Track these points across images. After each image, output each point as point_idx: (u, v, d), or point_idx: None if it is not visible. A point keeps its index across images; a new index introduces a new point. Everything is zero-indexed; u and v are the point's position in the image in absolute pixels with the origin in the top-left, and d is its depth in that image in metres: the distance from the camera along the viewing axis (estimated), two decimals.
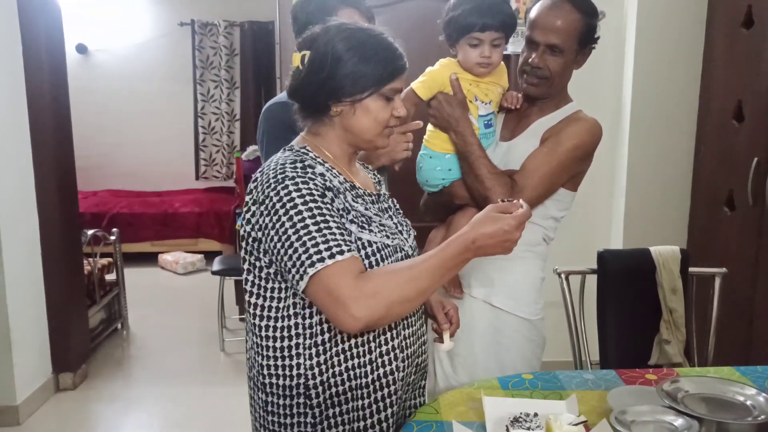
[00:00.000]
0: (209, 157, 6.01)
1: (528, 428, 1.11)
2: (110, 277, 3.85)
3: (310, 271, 1.04)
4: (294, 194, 1.08)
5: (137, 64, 5.89)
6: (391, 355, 1.18)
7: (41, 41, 2.84)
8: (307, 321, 1.15)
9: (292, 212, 1.07)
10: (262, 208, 1.11)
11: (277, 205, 1.08)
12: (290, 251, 1.06)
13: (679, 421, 1.06)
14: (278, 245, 1.08)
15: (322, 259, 1.04)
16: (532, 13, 1.51)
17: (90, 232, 3.51)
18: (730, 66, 2.54)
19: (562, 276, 1.90)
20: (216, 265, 3.63)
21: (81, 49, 5.79)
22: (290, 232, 1.06)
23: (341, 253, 1.05)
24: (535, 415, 1.14)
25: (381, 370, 1.17)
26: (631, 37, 2.79)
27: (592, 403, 1.29)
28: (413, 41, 1.62)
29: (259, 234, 1.12)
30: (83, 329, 3.28)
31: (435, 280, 1.08)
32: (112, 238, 3.82)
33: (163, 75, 5.92)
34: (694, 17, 2.72)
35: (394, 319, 1.14)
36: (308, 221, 1.06)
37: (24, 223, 2.84)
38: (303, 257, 1.05)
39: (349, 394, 1.17)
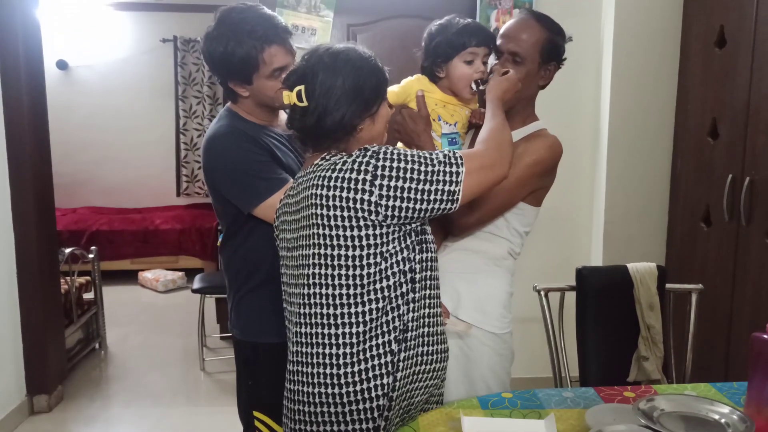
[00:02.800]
0: (191, 174, 5.97)
1: None
2: (88, 295, 3.79)
3: (462, 170, 1.23)
4: (395, 151, 1.22)
5: (119, 81, 5.86)
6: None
7: (20, 56, 2.81)
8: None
9: (405, 157, 1.21)
10: (378, 181, 1.19)
11: (394, 164, 1.20)
12: (435, 177, 1.21)
13: None
14: (420, 186, 1.20)
15: (457, 158, 1.24)
16: (502, 28, 1.58)
17: (68, 250, 3.46)
18: (704, 84, 2.60)
19: (542, 293, 1.91)
20: (197, 283, 3.59)
21: (61, 65, 5.76)
22: (421, 167, 1.21)
23: (453, 151, 1.27)
24: None
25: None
26: (608, 56, 2.84)
27: (571, 421, 1.29)
28: (396, 58, 1.64)
29: (396, 202, 1.20)
30: (59, 349, 3.21)
31: (504, 120, 1.39)
32: (91, 256, 3.77)
33: (145, 91, 5.90)
34: (669, 37, 2.78)
35: None
36: (421, 154, 1.24)
37: None
38: (448, 168, 1.22)
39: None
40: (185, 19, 5.63)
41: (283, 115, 1.66)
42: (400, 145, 1.59)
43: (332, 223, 1.22)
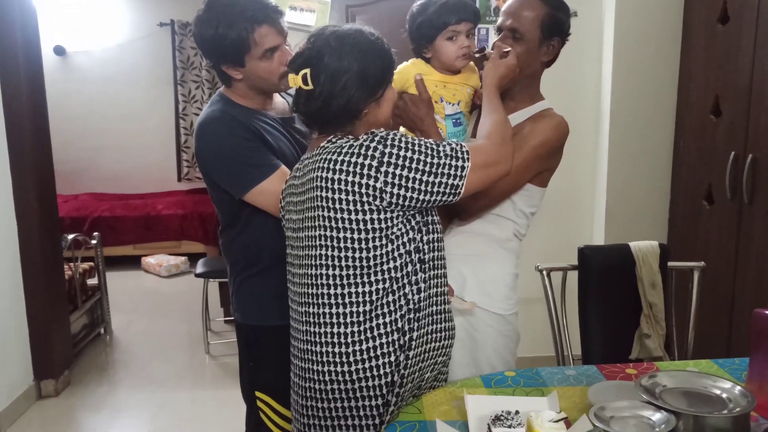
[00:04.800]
0: (192, 159, 5.96)
1: (509, 426, 1.11)
2: (92, 281, 3.81)
3: (467, 165, 1.24)
4: (402, 138, 1.21)
5: (117, 66, 5.83)
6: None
7: (17, 43, 2.79)
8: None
9: (413, 146, 1.21)
10: (384, 168, 1.19)
11: (401, 152, 1.20)
12: (440, 169, 1.22)
13: (657, 416, 1.07)
14: (425, 177, 1.21)
15: (464, 152, 1.25)
16: (504, 5, 1.57)
17: (70, 236, 3.47)
18: (707, 62, 2.58)
19: (544, 272, 1.91)
20: (200, 267, 3.60)
21: (59, 50, 5.72)
22: (427, 158, 1.22)
23: (461, 143, 1.27)
24: (516, 412, 1.15)
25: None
26: (609, 34, 2.81)
27: (574, 399, 1.30)
28: (394, 39, 1.63)
29: (401, 191, 1.20)
30: (65, 335, 3.24)
31: (503, 112, 1.40)
32: (93, 242, 3.78)
33: (144, 76, 5.87)
34: (671, 14, 2.75)
35: None
36: (428, 144, 1.24)
37: (2, 229, 2.79)
38: (454, 162, 1.23)
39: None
40: (182, 3, 5.58)
41: (277, 99, 1.65)
42: (402, 130, 1.59)
43: (337, 206, 1.22)
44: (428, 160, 1.22)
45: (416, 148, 1.22)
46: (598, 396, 1.22)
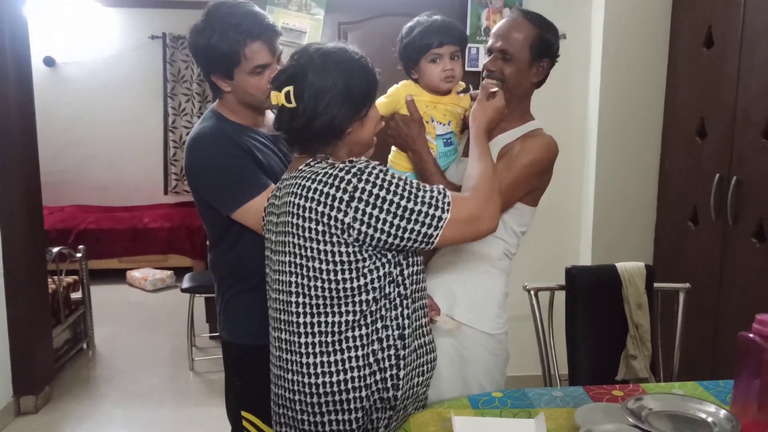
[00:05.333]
0: (180, 172, 5.93)
1: None
2: (76, 295, 3.76)
3: (446, 216, 1.18)
4: (380, 175, 1.16)
5: (107, 78, 5.81)
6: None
7: (6, 53, 2.78)
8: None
9: (389, 185, 1.16)
10: (355, 203, 1.14)
11: (374, 189, 1.15)
12: (414, 216, 1.16)
13: None
14: (396, 221, 1.15)
15: (446, 203, 1.19)
16: (494, 27, 1.59)
17: (55, 249, 3.43)
18: (692, 85, 2.62)
19: (531, 292, 1.91)
20: (186, 282, 3.57)
21: (48, 61, 5.70)
22: (402, 201, 1.16)
23: (445, 191, 1.21)
24: None
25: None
26: (597, 56, 2.85)
27: (561, 420, 1.30)
28: (386, 57, 1.65)
29: (369, 230, 1.16)
30: (47, 349, 3.18)
31: (492, 162, 1.35)
32: (78, 255, 3.73)
33: (134, 89, 5.86)
34: (658, 38, 2.79)
35: None
36: (408, 186, 1.18)
37: None
38: (431, 210, 1.17)
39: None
40: (174, 16, 5.58)
41: (270, 115, 1.65)
42: (393, 149, 1.59)
43: (306, 234, 1.19)
44: (403, 203, 1.16)
45: (392, 188, 1.16)
46: (585, 418, 1.22)
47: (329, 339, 1.22)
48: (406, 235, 1.18)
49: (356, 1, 3.00)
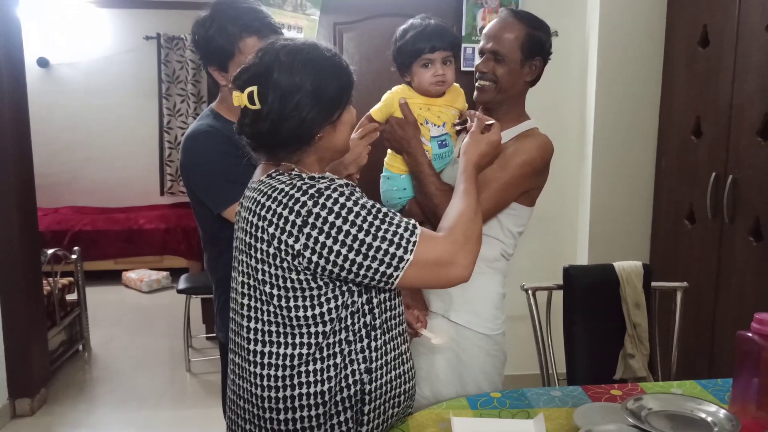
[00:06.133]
0: (175, 173, 5.92)
1: None
2: (71, 296, 3.74)
3: (408, 257, 1.05)
4: (339, 199, 1.04)
5: (101, 79, 5.79)
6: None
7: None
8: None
9: (348, 214, 1.04)
10: (307, 229, 1.03)
11: (330, 216, 1.03)
12: (372, 252, 1.04)
13: None
14: (350, 255, 1.03)
15: (411, 241, 1.06)
16: (485, 28, 1.59)
17: (50, 251, 3.41)
18: (688, 84, 2.62)
19: (529, 292, 1.91)
20: (182, 283, 3.55)
21: (42, 62, 5.67)
22: (359, 234, 1.04)
23: (414, 227, 1.09)
24: None
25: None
26: (593, 55, 2.86)
27: (560, 420, 1.30)
28: (383, 57, 1.64)
29: (320, 260, 1.04)
30: (42, 352, 3.17)
31: (477, 203, 1.22)
32: (74, 256, 3.72)
33: (129, 89, 5.83)
34: (654, 37, 2.80)
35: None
36: (370, 216, 1.06)
37: None
38: (392, 249, 1.05)
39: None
40: (169, 16, 5.56)
41: None
42: (389, 152, 1.59)
43: (258, 255, 1.09)
44: (360, 236, 1.04)
45: (350, 217, 1.04)
46: (585, 418, 1.22)
47: (279, 373, 1.11)
48: (362, 272, 1.06)
49: (352, 1, 2.99)
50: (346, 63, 1.16)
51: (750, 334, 1.17)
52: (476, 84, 1.57)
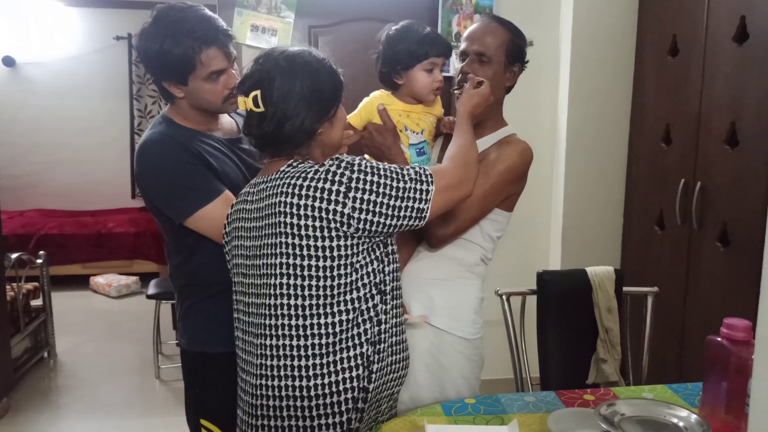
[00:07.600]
0: None
1: None
2: (36, 302, 3.63)
3: (432, 188, 1.25)
4: (368, 164, 1.21)
5: (70, 79, 5.66)
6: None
7: None
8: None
9: (379, 171, 1.21)
10: (352, 193, 1.18)
11: (368, 177, 1.19)
12: (406, 193, 1.22)
13: None
14: (392, 201, 1.21)
15: (428, 175, 1.25)
16: (465, 32, 1.60)
17: (14, 255, 3.31)
18: (658, 92, 2.67)
19: (503, 297, 1.92)
20: (151, 288, 3.48)
21: (8, 61, 5.53)
22: (393, 183, 1.21)
23: (422, 167, 1.28)
24: None
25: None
26: (565, 63, 2.89)
27: (534, 426, 1.30)
28: (357, 61, 1.63)
29: (369, 216, 1.19)
30: (5, 359, 3.07)
31: (472, 137, 1.41)
32: (39, 261, 3.62)
33: (98, 90, 5.72)
34: (625, 46, 2.85)
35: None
36: (393, 169, 1.23)
37: None
38: (418, 185, 1.24)
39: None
40: (140, 16, 5.36)
41: (224, 119, 1.61)
42: (368, 158, 1.58)
43: (303, 232, 1.19)
44: (394, 184, 1.22)
45: (382, 172, 1.22)
46: (558, 424, 1.22)
47: (323, 341, 1.23)
48: (402, 213, 1.23)
49: (327, 5, 2.98)
50: (335, 66, 1.30)
51: (719, 339, 1.19)
52: (455, 90, 1.57)
